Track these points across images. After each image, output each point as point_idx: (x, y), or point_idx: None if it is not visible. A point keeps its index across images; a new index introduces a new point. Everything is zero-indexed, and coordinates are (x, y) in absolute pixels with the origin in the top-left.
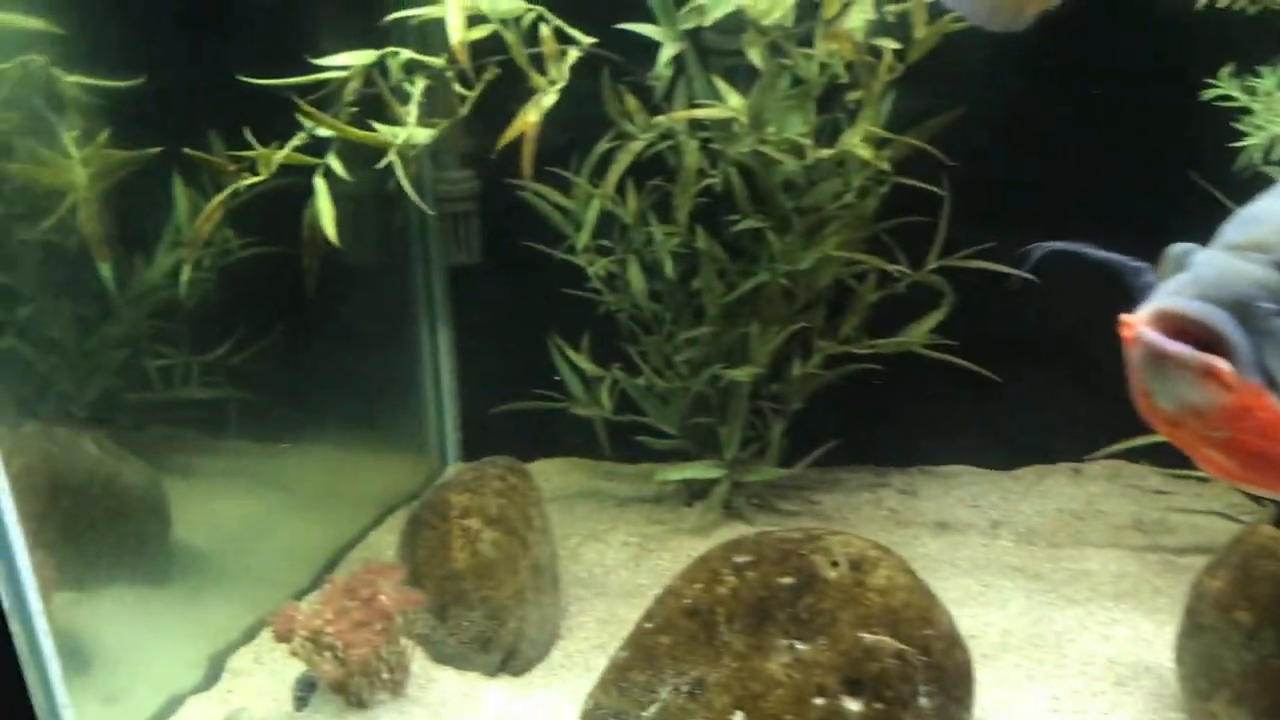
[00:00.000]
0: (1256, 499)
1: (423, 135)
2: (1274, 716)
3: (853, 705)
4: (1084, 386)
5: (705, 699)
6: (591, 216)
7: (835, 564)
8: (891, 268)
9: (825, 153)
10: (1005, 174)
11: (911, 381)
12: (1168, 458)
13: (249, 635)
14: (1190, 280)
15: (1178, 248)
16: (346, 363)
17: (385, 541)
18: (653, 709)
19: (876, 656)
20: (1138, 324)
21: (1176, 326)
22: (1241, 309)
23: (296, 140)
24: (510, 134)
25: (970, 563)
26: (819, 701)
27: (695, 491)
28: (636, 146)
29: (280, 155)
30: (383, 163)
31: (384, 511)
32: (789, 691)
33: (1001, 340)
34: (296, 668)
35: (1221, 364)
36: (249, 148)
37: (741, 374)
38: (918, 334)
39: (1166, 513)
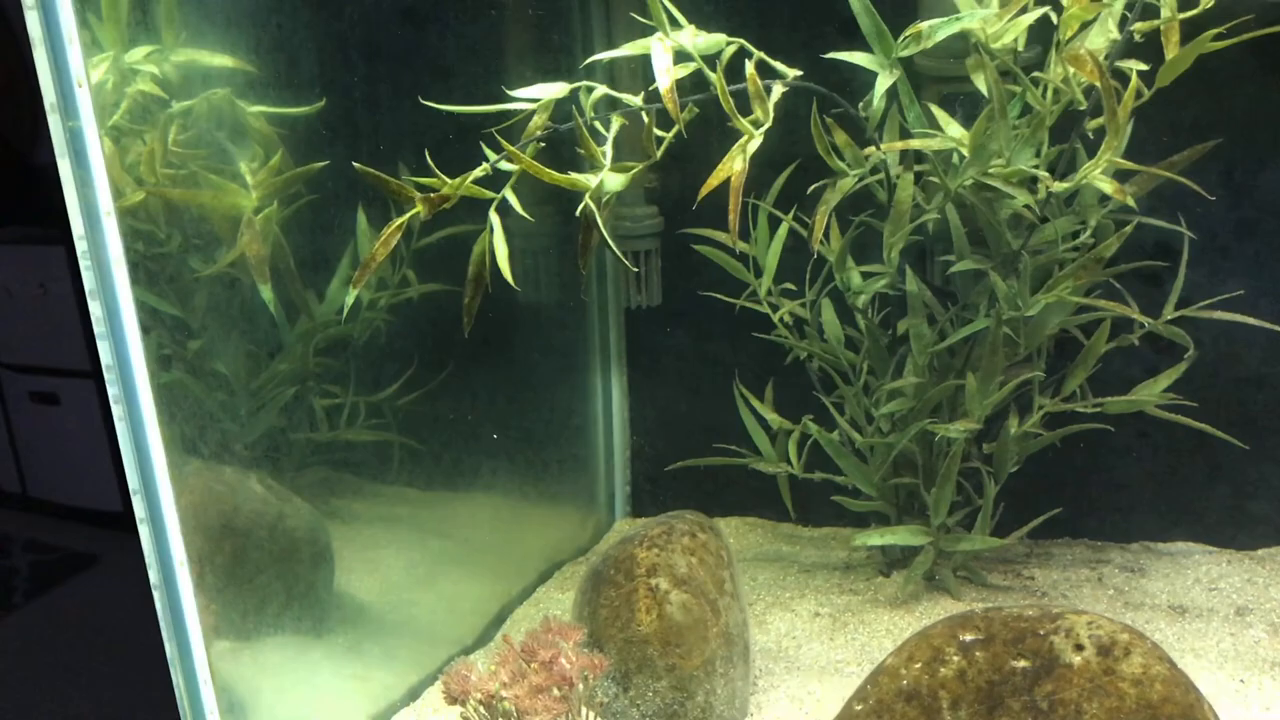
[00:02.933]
0: None
1: (617, 182)
2: None
3: None
4: None
5: None
6: (773, 262)
7: (1080, 647)
8: (1135, 315)
9: (1061, 185)
10: (1256, 212)
11: (1135, 447)
12: None
13: (411, 695)
14: None
15: None
16: (517, 409)
17: (553, 599)
18: None
19: None
20: None
21: None
22: None
23: (479, 171)
24: (714, 181)
25: (1219, 654)
26: None
27: (892, 560)
28: (848, 183)
29: (461, 182)
30: (580, 209)
31: (551, 567)
32: None
33: (1239, 401)
34: None
35: None
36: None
37: (956, 429)
38: (1152, 391)
39: None
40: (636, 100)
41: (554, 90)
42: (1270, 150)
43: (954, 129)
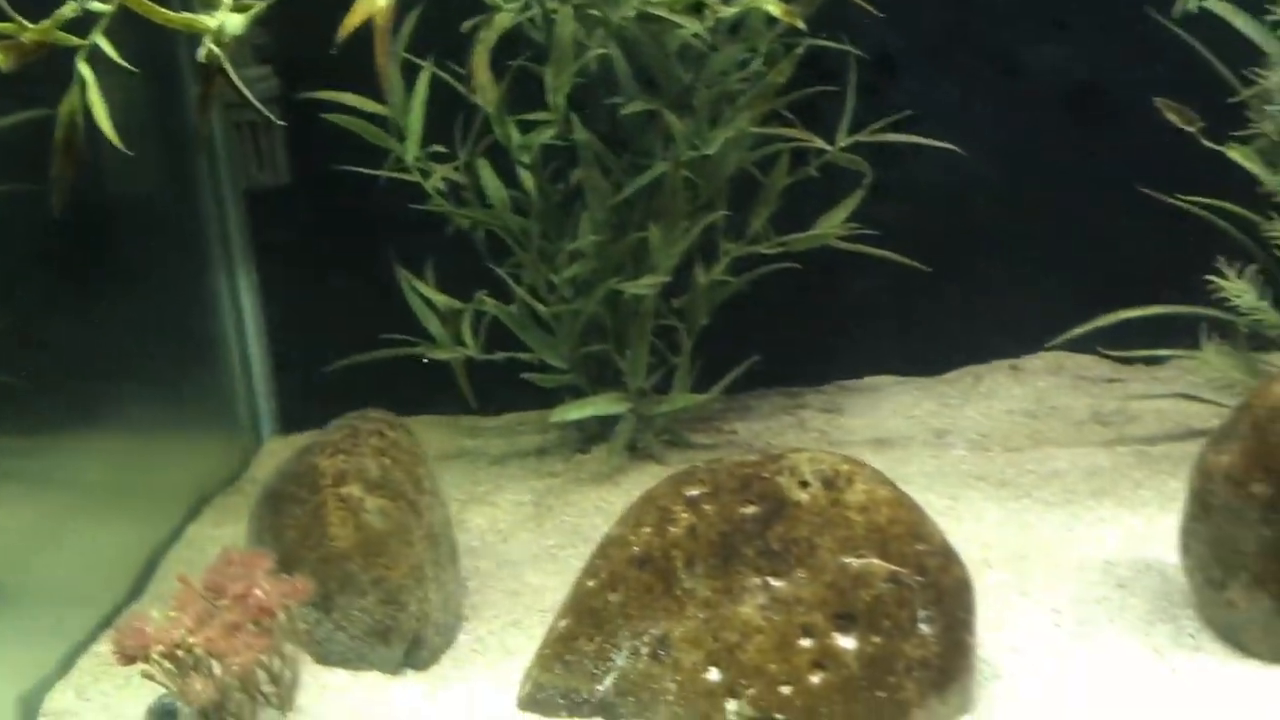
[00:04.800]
0: None
1: (239, 23)
2: None
3: (846, 643)
4: (1016, 274)
5: (672, 658)
6: (417, 122)
7: (805, 484)
8: (816, 143)
9: (729, 10)
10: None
11: (817, 285)
12: (1112, 342)
13: (64, 666)
14: None
15: None
16: (125, 326)
17: (209, 536)
18: (609, 680)
19: (867, 583)
20: None
21: None
22: None
23: (68, 9)
24: (354, 20)
25: (925, 477)
26: (806, 643)
27: (589, 435)
28: (505, 19)
29: (39, 30)
30: (202, 52)
31: (198, 502)
32: (770, 637)
33: (924, 228)
34: (143, 695)
35: None
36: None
37: (644, 286)
38: (832, 223)
39: (1125, 401)
40: None
41: None
42: None
43: None
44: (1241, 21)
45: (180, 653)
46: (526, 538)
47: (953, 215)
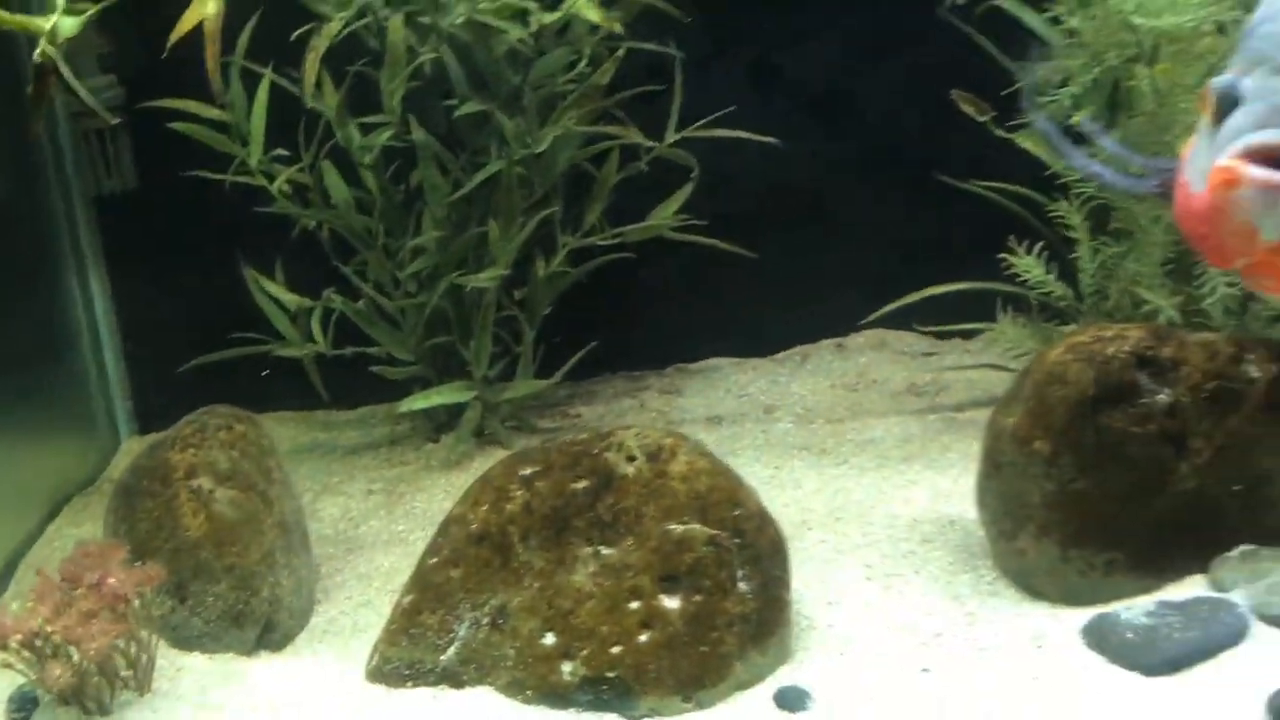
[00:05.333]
0: None
1: (72, 24)
2: (1080, 540)
3: (671, 602)
4: (837, 256)
5: (510, 626)
6: (259, 126)
7: (632, 458)
8: (639, 139)
9: (551, 17)
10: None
11: (653, 273)
12: (928, 319)
13: None
14: (1267, 111)
15: (1221, 82)
16: None
17: (68, 535)
18: (452, 650)
19: (689, 547)
20: (1236, 165)
21: (1268, 159)
22: None
23: None
24: (185, 27)
25: (754, 449)
26: (634, 605)
27: (438, 424)
28: (334, 28)
29: None
30: (37, 53)
31: (58, 502)
32: (600, 601)
33: (747, 216)
34: (3, 685)
35: None
36: None
37: (484, 279)
38: (665, 215)
39: (939, 373)
40: None
41: None
42: None
43: None
44: (1026, 15)
45: (38, 641)
46: (377, 524)
47: (781, 206)
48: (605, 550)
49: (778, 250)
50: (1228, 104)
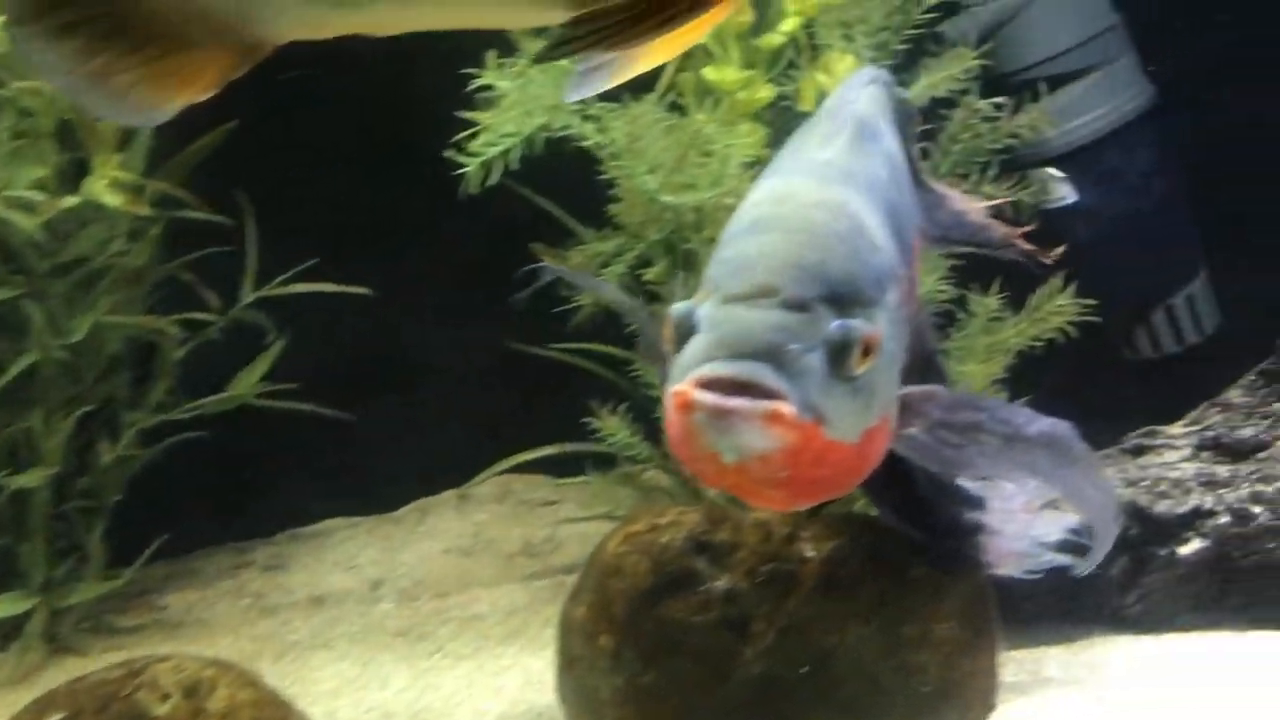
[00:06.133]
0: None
1: None
2: None
3: None
4: (459, 403)
5: None
6: None
7: (166, 696)
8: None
9: (66, 202)
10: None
11: (259, 437)
12: (555, 467)
13: None
14: (716, 342)
15: (679, 309)
16: None
17: None
18: None
19: None
20: (689, 390)
21: (723, 387)
22: (774, 356)
23: None
24: None
25: (348, 640)
26: None
27: (5, 633)
28: None
29: None
30: None
31: None
32: None
33: (354, 370)
34: None
35: (785, 407)
36: None
37: (31, 478)
38: (246, 384)
39: (556, 527)
40: None
41: None
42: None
43: None
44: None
45: None
46: None
47: (391, 354)
48: None
49: (392, 400)
50: (684, 331)
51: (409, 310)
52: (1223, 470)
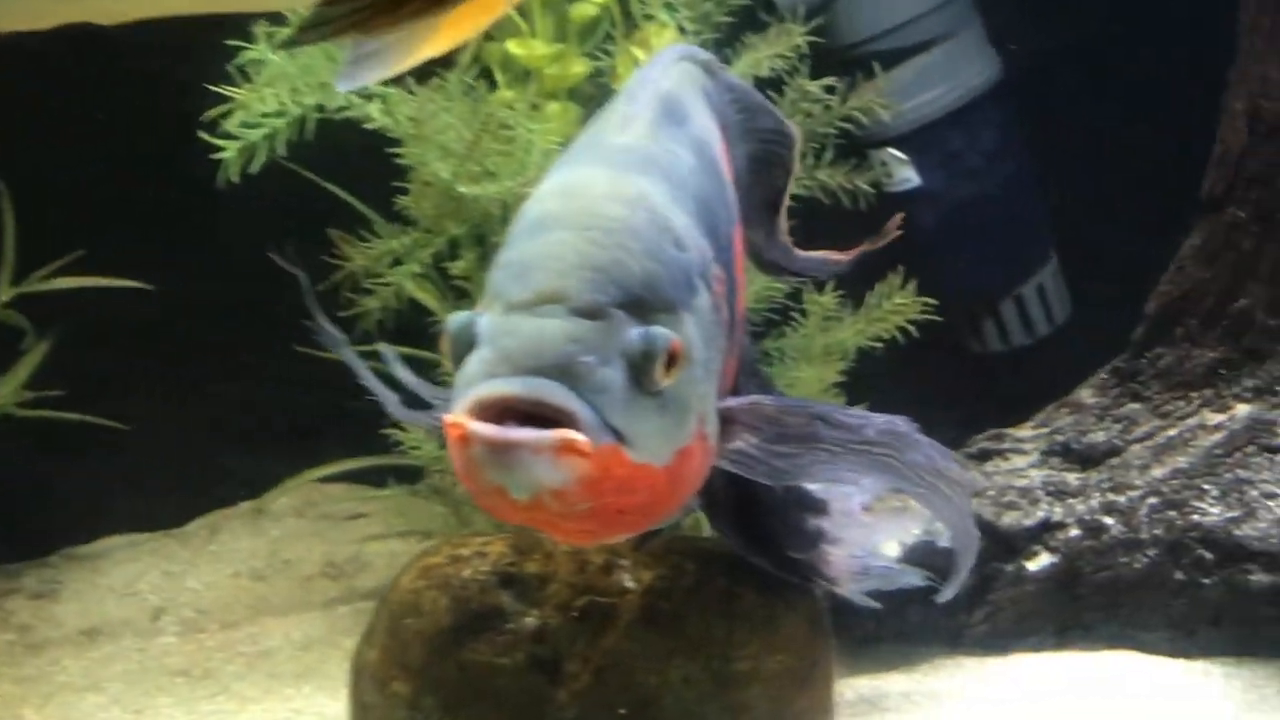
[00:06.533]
0: None
1: None
2: None
3: None
4: (253, 407)
5: None
6: None
7: None
8: None
9: None
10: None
11: (25, 447)
12: (364, 476)
13: None
14: (499, 357)
15: (457, 320)
16: None
17: None
18: None
19: None
20: (464, 421)
21: (504, 411)
22: (564, 371)
23: None
24: None
25: (124, 679)
26: None
27: None
28: None
29: None
30: None
31: None
32: None
33: (130, 371)
34: None
35: (576, 435)
36: None
37: None
38: (6, 390)
39: (361, 544)
40: None
41: None
42: None
43: None
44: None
45: None
46: None
47: (173, 353)
48: None
49: (175, 403)
50: (463, 345)
51: (190, 307)
52: (1073, 478)
